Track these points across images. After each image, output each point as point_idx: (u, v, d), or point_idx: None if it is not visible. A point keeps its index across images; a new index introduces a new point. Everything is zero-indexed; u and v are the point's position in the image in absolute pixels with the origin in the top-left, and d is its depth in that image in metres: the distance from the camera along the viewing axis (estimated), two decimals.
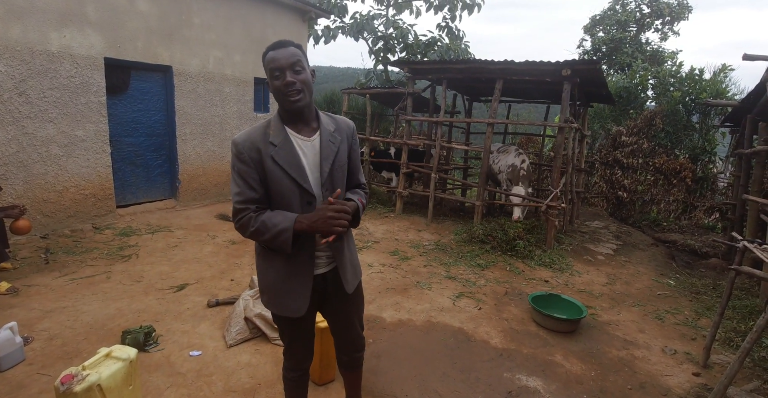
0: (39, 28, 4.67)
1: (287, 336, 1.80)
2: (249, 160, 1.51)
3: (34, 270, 3.97)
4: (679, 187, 8.73)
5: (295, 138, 1.57)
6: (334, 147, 1.62)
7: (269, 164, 1.52)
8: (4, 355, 2.49)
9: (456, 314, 3.65)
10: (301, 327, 1.77)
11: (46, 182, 4.92)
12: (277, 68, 1.48)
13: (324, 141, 1.60)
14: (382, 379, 2.65)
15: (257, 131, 1.56)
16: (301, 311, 1.63)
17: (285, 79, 1.48)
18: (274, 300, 1.67)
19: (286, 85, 1.48)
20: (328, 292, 1.74)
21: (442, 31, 11.99)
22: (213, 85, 6.81)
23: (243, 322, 2.97)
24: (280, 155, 1.52)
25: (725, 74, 9.32)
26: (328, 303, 1.81)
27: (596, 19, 14.75)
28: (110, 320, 3.15)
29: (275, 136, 1.54)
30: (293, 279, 1.62)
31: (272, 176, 1.52)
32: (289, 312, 1.65)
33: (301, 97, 1.50)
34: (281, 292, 1.64)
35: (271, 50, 1.51)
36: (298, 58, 1.50)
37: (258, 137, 1.54)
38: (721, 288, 4.68)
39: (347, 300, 1.80)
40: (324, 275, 1.70)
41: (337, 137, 1.64)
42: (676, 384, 2.82)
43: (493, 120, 6.08)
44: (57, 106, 4.91)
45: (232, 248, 4.94)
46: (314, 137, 1.61)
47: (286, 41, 1.53)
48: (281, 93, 1.50)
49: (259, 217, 1.51)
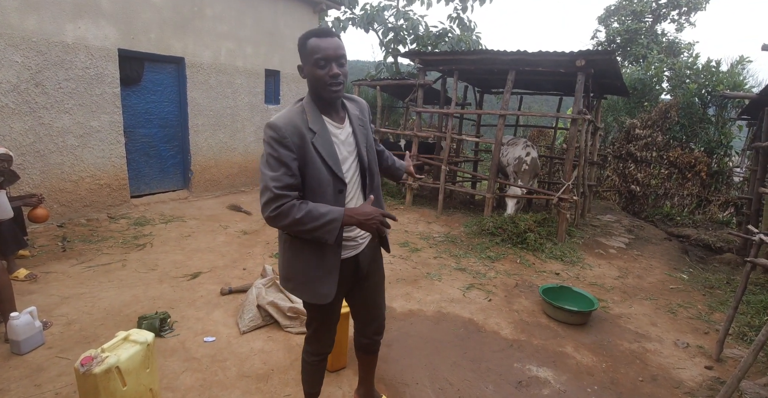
0: (54, 20, 4.72)
1: (316, 321, 1.82)
2: (292, 145, 1.47)
3: (52, 258, 4.05)
4: (694, 181, 8.60)
5: (329, 126, 1.60)
6: (364, 131, 1.70)
7: (310, 150, 1.50)
8: (24, 339, 2.56)
9: (466, 305, 3.66)
10: (330, 312, 1.79)
11: (63, 172, 5.00)
12: (324, 58, 1.48)
13: (356, 127, 1.66)
14: (393, 367, 2.68)
15: (297, 116, 1.53)
16: (329, 297, 1.64)
17: (332, 70, 1.49)
18: (302, 287, 1.66)
19: (332, 76, 1.49)
20: (359, 275, 1.77)
21: (453, 22, 11.85)
22: (225, 76, 6.84)
23: (256, 310, 3.01)
24: (320, 143, 1.53)
25: (743, 66, 9.12)
26: (357, 285, 1.84)
27: (611, 9, 14.49)
28: (126, 306, 3.22)
29: (314, 123, 1.54)
30: (322, 267, 1.62)
31: (312, 163, 1.51)
32: (317, 298, 1.65)
33: (341, 89, 1.54)
34: (310, 279, 1.64)
35: (316, 37, 1.50)
36: (343, 51, 1.53)
37: (299, 121, 1.52)
38: (735, 283, 4.63)
39: (372, 275, 1.84)
40: (355, 258, 1.73)
41: (363, 120, 1.72)
42: (689, 377, 2.81)
43: (504, 111, 6.03)
44: (73, 97, 4.97)
45: (244, 239, 4.99)
46: (345, 124, 1.65)
47: (330, 30, 1.53)
48: (323, 82, 1.50)
49: (303, 206, 1.45)
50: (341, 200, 1.60)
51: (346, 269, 1.70)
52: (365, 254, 1.77)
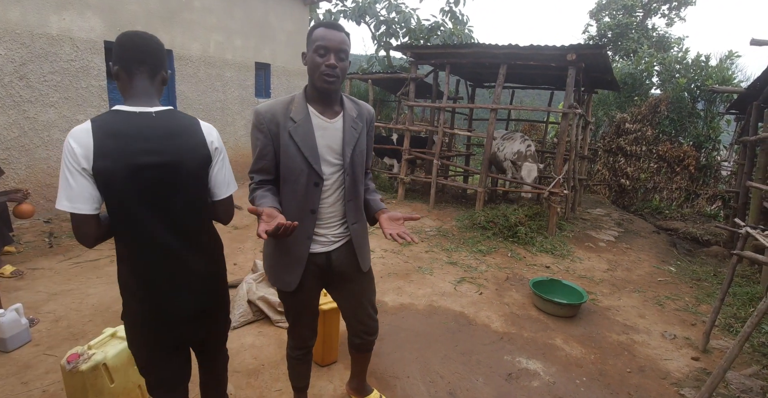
0: (38, 11, 4.61)
1: (292, 313, 1.83)
2: (267, 131, 1.57)
3: (39, 254, 4.00)
4: (682, 175, 8.70)
5: (315, 118, 1.59)
6: (356, 133, 1.66)
7: (285, 138, 1.55)
8: (11, 336, 2.53)
9: (457, 298, 3.67)
10: (304, 304, 1.79)
11: (49, 167, 4.92)
12: (324, 47, 1.49)
13: (347, 127, 1.64)
14: (384, 361, 2.68)
15: (280, 105, 1.60)
16: (292, 285, 1.69)
17: (329, 60, 1.50)
18: (271, 271, 1.75)
19: (328, 65, 1.50)
20: (333, 271, 1.76)
21: (446, 15, 11.80)
22: (214, 69, 6.75)
23: (246, 305, 2.99)
24: (298, 133, 1.55)
25: (732, 61, 9.20)
26: (334, 283, 1.84)
27: (602, 3, 14.51)
28: (115, 302, 3.18)
29: (297, 113, 1.57)
30: (288, 255, 1.67)
31: (286, 151, 1.56)
32: (282, 284, 1.72)
33: (335, 81, 1.53)
34: (277, 266, 1.72)
35: (323, 27, 1.52)
36: (346, 45, 1.53)
37: (280, 110, 1.58)
38: (722, 275, 4.69)
39: (355, 280, 1.82)
40: (328, 254, 1.72)
41: (359, 123, 1.68)
42: (676, 368, 2.85)
43: (496, 105, 6.03)
44: (58, 90, 4.88)
45: (234, 233, 4.96)
46: (335, 119, 1.63)
47: (340, 25, 1.55)
48: (319, 71, 1.51)
49: (259, 191, 1.59)
50: (317, 193, 1.60)
51: (317, 264, 1.71)
52: (340, 254, 1.75)
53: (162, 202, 1.34)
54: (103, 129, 1.27)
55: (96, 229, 1.30)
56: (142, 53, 1.36)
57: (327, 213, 1.67)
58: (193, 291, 1.47)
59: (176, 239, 1.39)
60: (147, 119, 1.33)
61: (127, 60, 1.34)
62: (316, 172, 1.58)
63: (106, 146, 1.25)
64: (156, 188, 1.32)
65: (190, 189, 1.39)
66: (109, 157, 1.25)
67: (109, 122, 1.29)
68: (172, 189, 1.35)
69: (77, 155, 1.24)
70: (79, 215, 1.26)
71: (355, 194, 1.70)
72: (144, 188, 1.30)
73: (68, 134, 1.28)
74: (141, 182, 1.29)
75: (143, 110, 1.34)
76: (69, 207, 1.25)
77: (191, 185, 1.39)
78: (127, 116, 1.31)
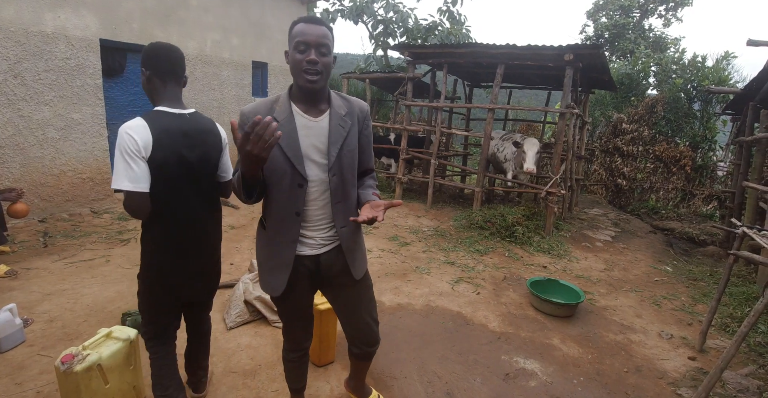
0: (33, 9, 4.58)
1: (284, 316, 1.80)
2: None
3: (33, 254, 3.96)
4: (679, 175, 8.73)
5: (299, 117, 1.54)
6: (343, 132, 1.57)
7: None
8: (4, 336, 2.50)
9: (455, 298, 3.67)
10: (295, 308, 1.76)
11: (44, 166, 4.88)
12: (304, 42, 1.44)
13: (333, 125, 1.56)
14: (381, 361, 2.67)
15: (264, 105, 1.57)
16: (278, 290, 1.64)
17: (309, 56, 1.44)
18: (260, 276, 1.72)
19: (308, 61, 1.44)
20: (322, 275, 1.70)
21: (443, 15, 11.77)
22: (211, 68, 6.72)
23: (243, 305, 2.98)
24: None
25: (728, 61, 9.23)
26: (326, 289, 1.79)
27: (599, 4, 14.56)
28: (110, 302, 3.16)
29: (280, 112, 1.53)
30: (274, 259, 1.64)
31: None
32: (268, 289, 1.68)
33: (318, 78, 1.47)
34: (264, 270, 1.69)
35: (303, 23, 1.47)
36: (327, 39, 1.47)
37: (264, 110, 1.54)
38: (718, 275, 4.71)
39: (347, 287, 1.75)
40: (315, 258, 1.66)
41: (347, 122, 1.59)
42: (672, 368, 2.85)
43: (494, 105, 6.03)
44: (53, 88, 4.84)
45: (231, 233, 4.94)
46: (321, 118, 1.56)
47: (320, 19, 1.50)
48: (300, 68, 1.46)
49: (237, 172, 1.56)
50: (301, 195, 1.54)
51: (305, 267, 1.65)
52: (329, 258, 1.68)
53: (197, 181, 1.77)
54: (156, 126, 1.62)
55: (149, 204, 1.63)
56: (173, 64, 1.77)
57: (314, 216, 1.60)
58: (204, 253, 1.88)
59: (203, 208, 1.83)
60: (184, 119, 1.74)
61: (161, 70, 1.73)
62: (299, 173, 1.52)
63: (161, 140, 1.62)
64: (194, 171, 1.74)
65: (212, 172, 1.84)
66: (165, 149, 1.63)
67: (158, 121, 1.65)
68: (203, 172, 1.79)
69: (139, 145, 1.56)
70: (141, 193, 1.58)
71: (343, 196, 1.61)
72: (187, 171, 1.71)
73: (123, 127, 1.58)
74: (185, 167, 1.70)
75: (180, 111, 1.75)
76: (132, 187, 1.56)
77: (213, 169, 1.84)
78: (171, 117, 1.71)
